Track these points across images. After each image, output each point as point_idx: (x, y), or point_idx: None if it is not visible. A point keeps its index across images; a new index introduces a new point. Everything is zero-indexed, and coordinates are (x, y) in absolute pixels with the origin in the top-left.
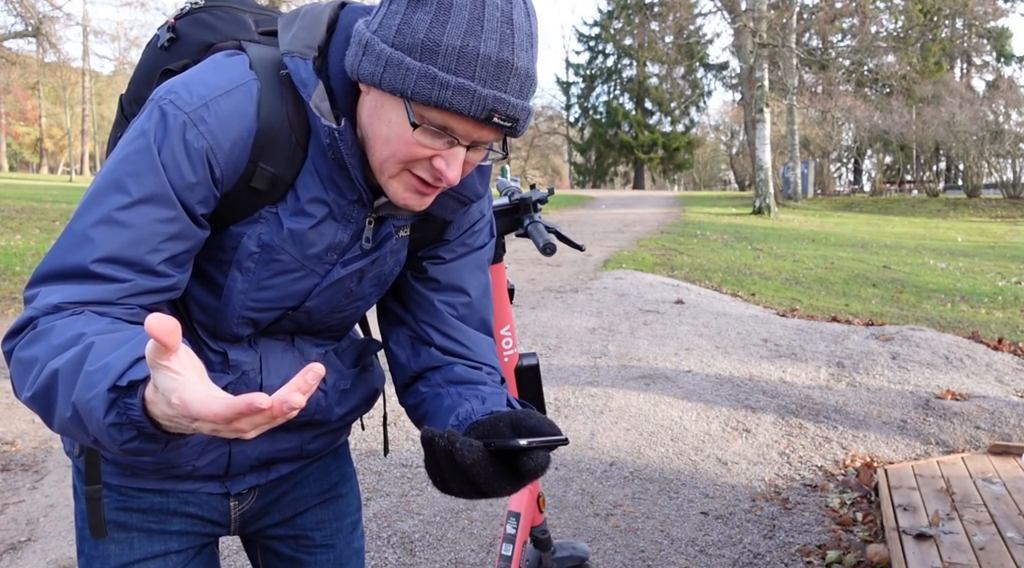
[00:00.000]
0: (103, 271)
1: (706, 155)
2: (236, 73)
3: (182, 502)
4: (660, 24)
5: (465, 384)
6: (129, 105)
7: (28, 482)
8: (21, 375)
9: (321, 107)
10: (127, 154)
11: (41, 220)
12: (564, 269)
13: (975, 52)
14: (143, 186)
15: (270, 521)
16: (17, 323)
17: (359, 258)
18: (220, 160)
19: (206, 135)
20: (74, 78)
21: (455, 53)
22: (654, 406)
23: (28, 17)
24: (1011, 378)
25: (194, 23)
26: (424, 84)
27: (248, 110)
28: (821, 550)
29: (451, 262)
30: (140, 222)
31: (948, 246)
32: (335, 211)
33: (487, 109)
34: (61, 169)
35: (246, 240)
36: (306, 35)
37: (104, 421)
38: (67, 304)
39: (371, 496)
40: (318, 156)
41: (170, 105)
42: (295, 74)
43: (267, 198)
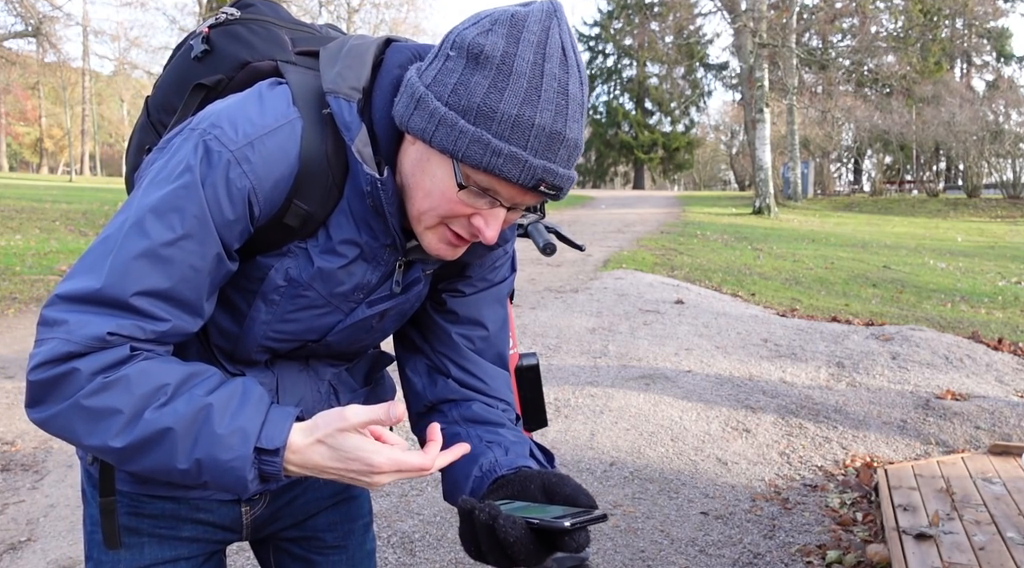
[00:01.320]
0: (144, 306)
1: (706, 155)
2: (280, 111)
3: (193, 508)
4: (660, 24)
5: (483, 424)
6: (156, 111)
7: (28, 482)
8: (91, 422)
9: (364, 153)
10: (174, 188)
11: (41, 220)
12: (564, 269)
13: (975, 52)
14: (187, 223)
15: (281, 525)
16: (52, 354)
17: (386, 299)
18: (260, 199)
19: (250, 175)
20: (74, 78)
21: (510, 121)
22: (654, 406)
23: (28, 17)
24: (1011, 378)
25: (229, 36)
26: (476, 149)
27: (292, 150)
28: (821, 550)
29: (471, 296)
30: (181, 258)
31: (948, 246)
32: (366, 252)
33: (535, 178)
34: (61, 169)
35: (273, 273)
36: (351, 75)
37: (247, 477)
38: (114, 336)
39: (371, 496)
40: (354, 197)
41: (215, 141)
42: (339, 117)
43: (298, 234)
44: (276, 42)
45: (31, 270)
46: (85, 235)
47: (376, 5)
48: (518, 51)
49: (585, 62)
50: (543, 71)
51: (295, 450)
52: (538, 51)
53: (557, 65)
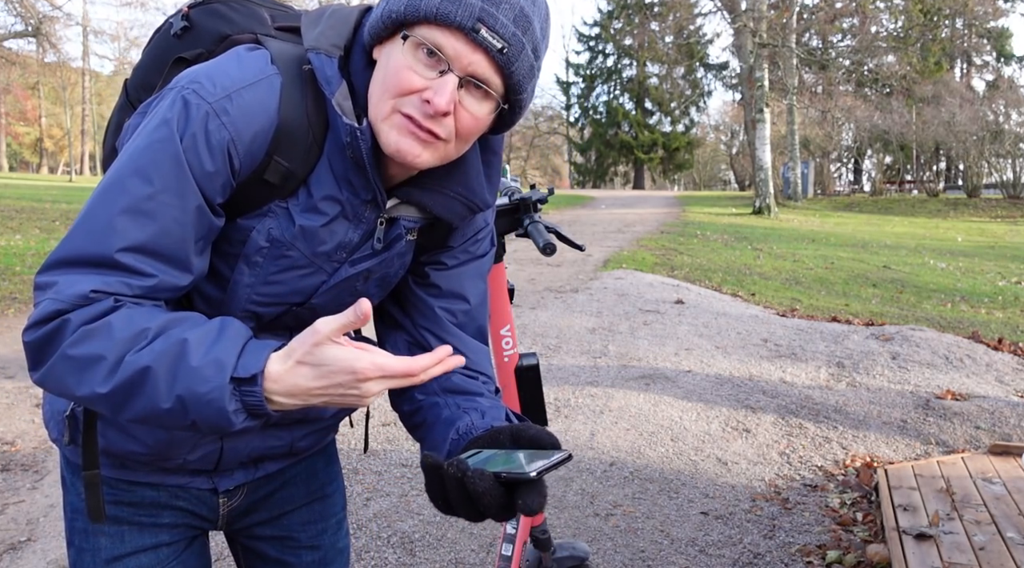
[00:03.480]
0: (129, 261)
1: (706, 155)
2: (259, 66)
3: (172, 496)
4: (660, 24)
5: (463, 394)
6: (135, 90)
7: (28, 482)
8: (78, 371)
9: (344, 106)
10: (150, 142)
11: (41, 220)
12: (564, 269)
13: (975, 52)
14: (166, 176)
15: (257, 519)
16: (41, 314)
17: (368, 258)
18: (240, 151)
19: (228, 126)
20: (74, 78)
21: None
22: (654, 406)
23: (28, 17)
24: (1011, 378)
25: (209, 13)
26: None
27: (270, 104)
28: (821, 550)
29: (453, 268)
30: (163, 212)
31: (948, 246)
32: (347, 210)
33: (474, 17)
34: (61, 169)
35: (255, 234)
36: (333, 34)
37: (228, 408)
38: (98, 293)
39: (371, 496)
40: (334, 154)
41: (193, 94)
42: (319, 71)
43: (278, 192)
44: (256, 18)
45: (31, 270)
46: None
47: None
48: None
49: (585, 62)
50: None
51: (275, 378)
52: None
53: None
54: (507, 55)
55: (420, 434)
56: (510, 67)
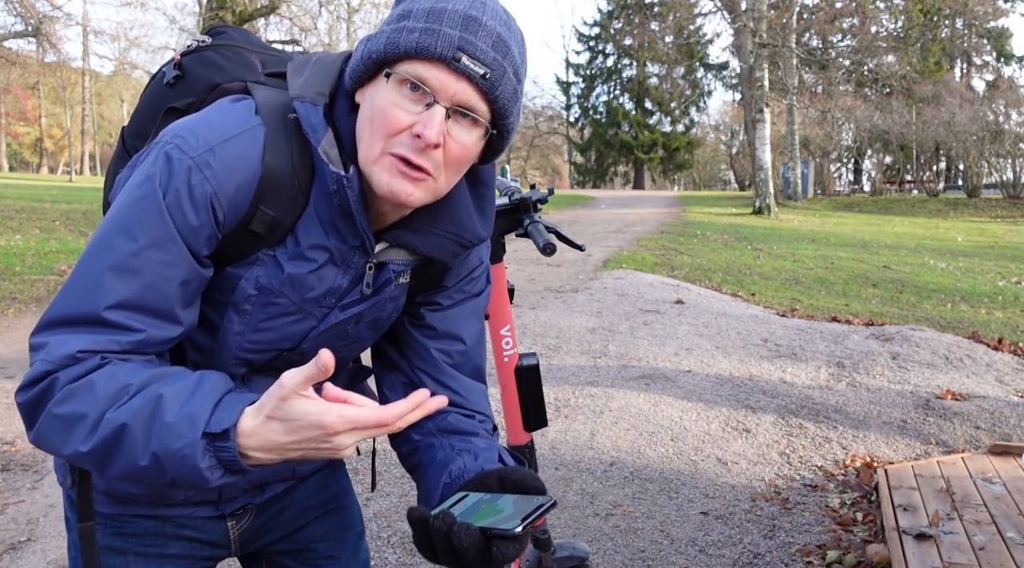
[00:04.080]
0: (116, 318)
1: (706, 155)
2: (241, 118)
3: (177, 525)
4: (660, 24)
5: (458, 434)
6: (131, 138)
7: (28, 482)
8: (63, 430)
9: (330, 154)
10: (134, 199)
11: (41, 220)
12: (564, 269)
13: (975, 52)
14: (150, 232)
15: (271, 538)
16: (32, 375)
17: (357, 303)
18: (223, 204)
19: (211, 180)
20: (74, 78)
21: (424, 11)
22: (654, 406)
23: (28, 17)
24: (1011, 378)
25: (201, 61)
26: (394, 36)
27: (253, 155)
28: (821, 550)
29: (448, 309)
30: (149, 268)
31: (948, 246)
32: (336, 256)
33: (453, 47)
34: (61, 169)
35: (244, 283)
36: (317, 81)
37: (201, 465)
38: (85, 353)
39: (371, 496)
40: (321, 201)
41: (176, 149)
42: (304, 119)
43: (265, 241)
44: (246, 65)
45: (31, 270)
46: (85, 235)
47: (376, 5)
48: None
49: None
50: None
51: (248, 433)
52: None
53: None
54: (490, 80)
55: (416, 476)
56: (494, 92)
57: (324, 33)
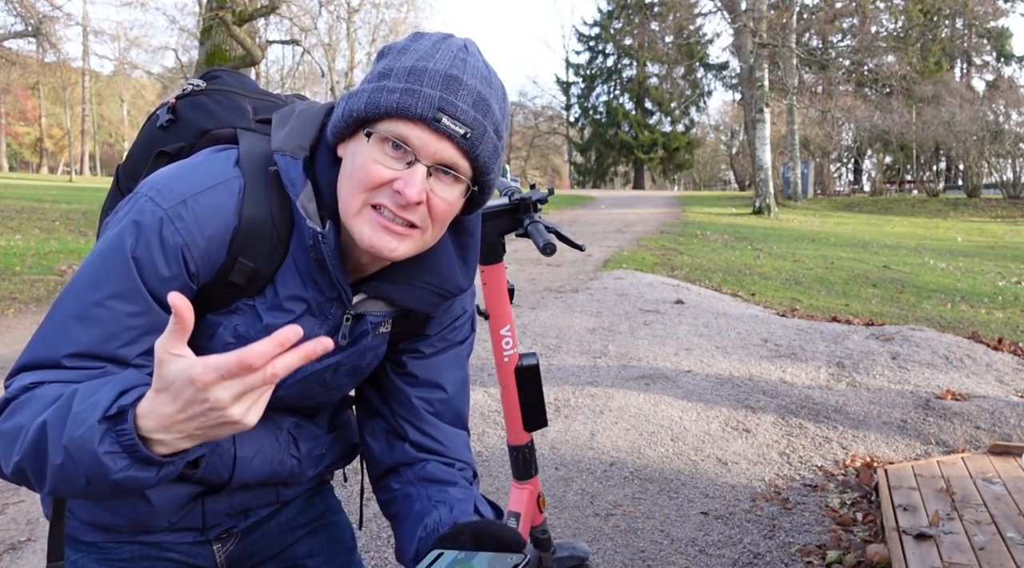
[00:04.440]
0: (74, 365)
1: (706, 155)
2: (219, 170)
3: (162, 549)
4: (660, 24)
5: (436, 484)
6: (125, 178)
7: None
8: (9, 444)
9: (308, 208)
10: (103, 250)
11: (41, 220)
12: (564, 269)
13: (975, 52)
14: (114, 282)
15: (260, 559)
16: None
17: (334, 354)
18: (195, 256)
19: (182, 232)
20: (74, 78)
21: (405, 71)
22: (654, 406)
23: (28, 17)
24: (1011, 378)
25: (194, 106)
26: (375, 96)
27: (228, 207)
28: (821, 550)
29: (430, 357)
30: (111, 317)
31: (948, 246)
32: (313, 307)
33: (434, 107)
34: (61, 169)
35: (222, 330)
36: (298, 135)
37: (99, 450)
38: (38, 383)
39: (371, 496)
40: (299, 253)
41: (149, 202)
42: (284, 173)
43: (245, 291)
44: (238, 111)
45: (31, 270)
46: (85, 235)
47: (376, 5)
48: (419, 41)
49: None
50: (440, 47)
51: (146, 414)
52: (436, 42)
53: (457, 47)
54: (471, 139)
55: (394, 525)
56: (475, 150)
57: (324, 33)
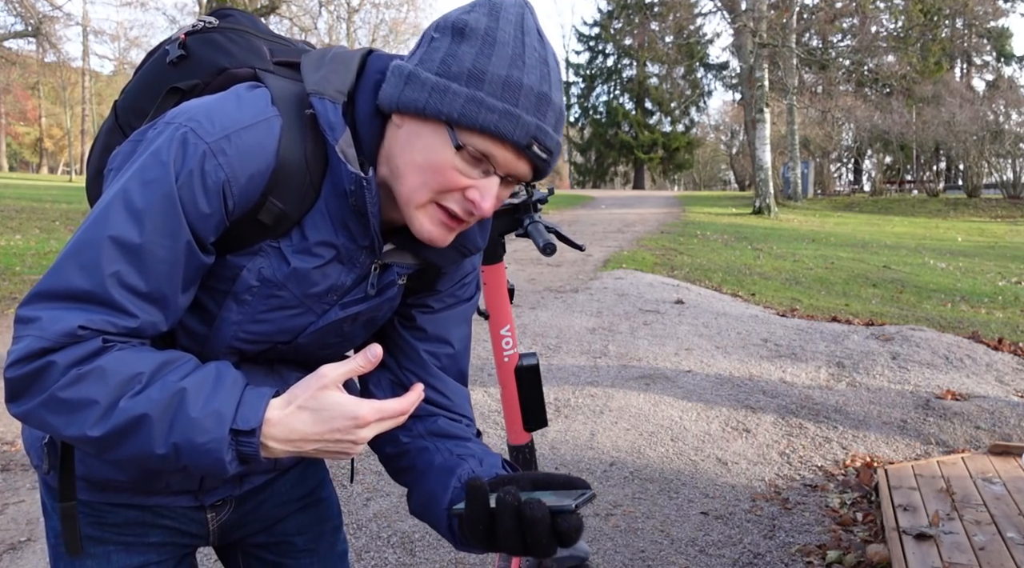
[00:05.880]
0: (114, 299)
1: (706, 155)
2: (259, 107)
3: (157, 515)
4: (660, 24)
5: (451, 438)
6: (124, 113)
7: (28, 482)
8: (68, 413)
9: (348, 153)
10: (143, 180)
11: (41, 220)
12: (564, 269)
13: (975, 52)
14: (157, 215)
15: (249, 530)
16: (25, 351)
17: (359, 302)
18: (235, 192)
19: (225, 167)
20: (74, 78)
21: (500, 81)
22: (654, 406)
23: (28, 17)
24: (1011, 378)
25: (207, 43)
26: (471, 108)
27: (268, 146)
28: (821, 550)
29: (439, 312)
30: (152, 252)
31: (948, 246)
32: (342, 254)
33: (529, 136)
34: (61, 169)
35: (246, 273)
36: (336, 78)
37: (226, 459)
38: (85, 330)
39: (371, 496)
40: (332, 199)
41: (191, 133)
42: (323, 116)
43: (271, 232)
44: (254, 51)
45: (31, 270)
46: None
47: (376, 5)
48: (499, 25)
49: (585, 62)
50: (524, 43)
51: (274, 423)
52: (517, 27)
53: (536, 40)
54: (547, 161)
55: (408, 479)
56: (547, 169)
57: (324, 33)
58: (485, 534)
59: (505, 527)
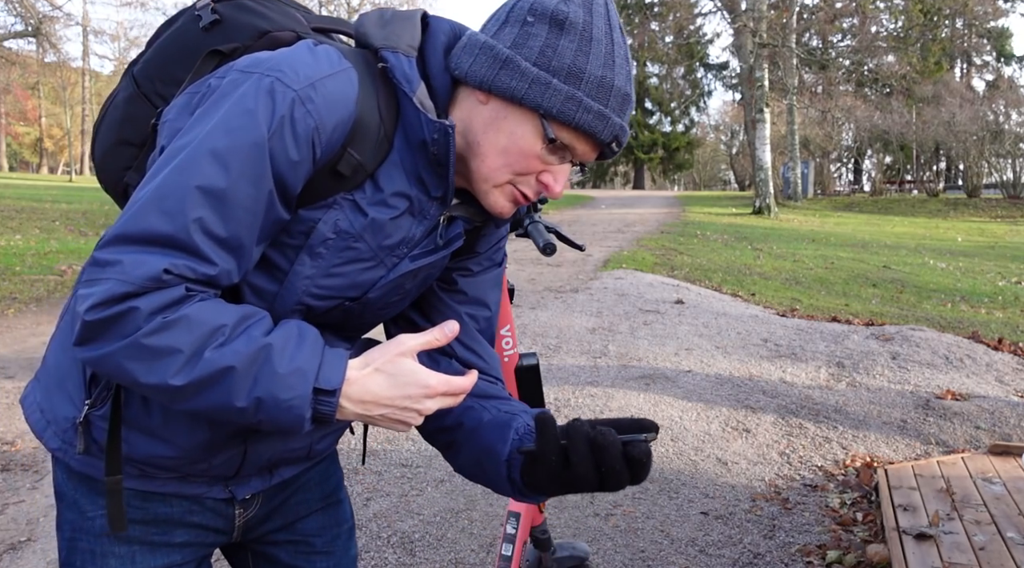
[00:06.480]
0: (197, 246)
1: (706, 155)
2: (335, 59)
3: (186, 511)
4: (660, 24)
5: (494, 399)
6: (150, 82)
7: (28, 482)
8: (149, 360)
9: (426, 104)
10: (229, 127)
11: (41, 220)
12: (564, 269)
13: (975, 52)
14: (244, 163)
15: (271, 526)
16: (107, 294)
17: (428, 254)
18: (322, 141)
19: (313, 114)
20: (74, 78)
21: (596, 82)
22: (654, 406)
23: (28, 17)
24: (1011, 378)
25: (239, 8)
26: (570, 106)
27: (350, 95)
28: (821, 550)
29: (477, 275)
30: (236, 200)
31: (948, 246)
32: (415, 206)
33: (613, 135)
34: (61, 169)
35: (322, 225)
36: (406, 35)
37: (306, 416)
38: (169, 275)
39: (371, 496)
40: (405, 150)
41: (277, 82)
42: (398, 69)
43: (346, 184)
44: (291, 17)
45: (31, 270)
46: (85, 235)
47: (376, 5)
48: (593, 20)
49: None
50: (612, 39)
51: (351, 382)
52: (606, 21)
53: (619, 35)
54: (616, 152)
55: (453, 438)
56: (612, 157)
57: None
58: (559, 465)
59: (579, 454)
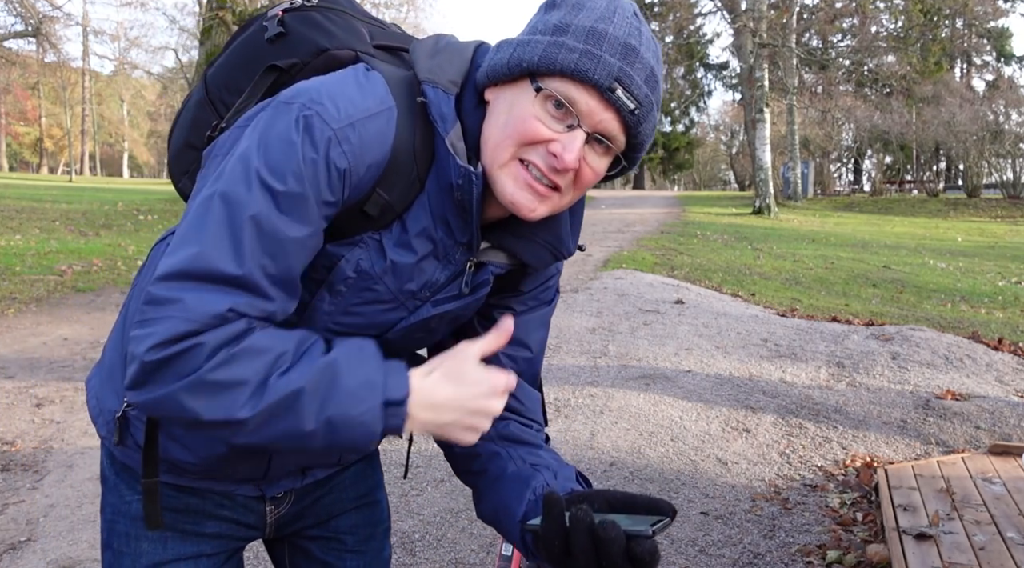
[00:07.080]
0: (256, 283)
1: (706, 155)
2: (380, 95)
3: (217, 505)
4: (660, 24)
5: (522, 445)
6: (217, 89)
7: (28, 482)
8: (216, 395)
9: (457, 146)
10: (276, 163)
11: (41, 220)
12: (564, 269)
13: (975, 52)
14: (292, 198)
15: (304, 524)
16: (170, 333)
17: (452, 299)
18: (353, 182)
19: (349, 155)
20: (74, 78)
21: (584, 30)
22: (654, 406)
23: (28, 17)
24: (1011, 378)
25: (305, 21)
26: (551, 51)
27: (388, 137)
28: (821, 550)
29: (520, 315)
30: (286, 234)
31: (948, 246)
32: (439, 250)
33: (612, 76)
34: (61, 169)
35: (344, 264)
36: (451, 69)
37: (377, 430)
38: (232, 313)
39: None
40: (435, 192)
41: (316, 118)
42: (435, 106)
43: (374, 224)
44: (355, 33)
45: (31, 270)
46: (85, 235)
47: (376, 5)
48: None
49: None
50: (615, 11)
51: (417, 390)
52: (610, 3)
53: (630, 14)
54: (637, 116)
55: (478, 482)
56: (638, 127)
57: None
58: (560, 552)
59: (580, 545)
